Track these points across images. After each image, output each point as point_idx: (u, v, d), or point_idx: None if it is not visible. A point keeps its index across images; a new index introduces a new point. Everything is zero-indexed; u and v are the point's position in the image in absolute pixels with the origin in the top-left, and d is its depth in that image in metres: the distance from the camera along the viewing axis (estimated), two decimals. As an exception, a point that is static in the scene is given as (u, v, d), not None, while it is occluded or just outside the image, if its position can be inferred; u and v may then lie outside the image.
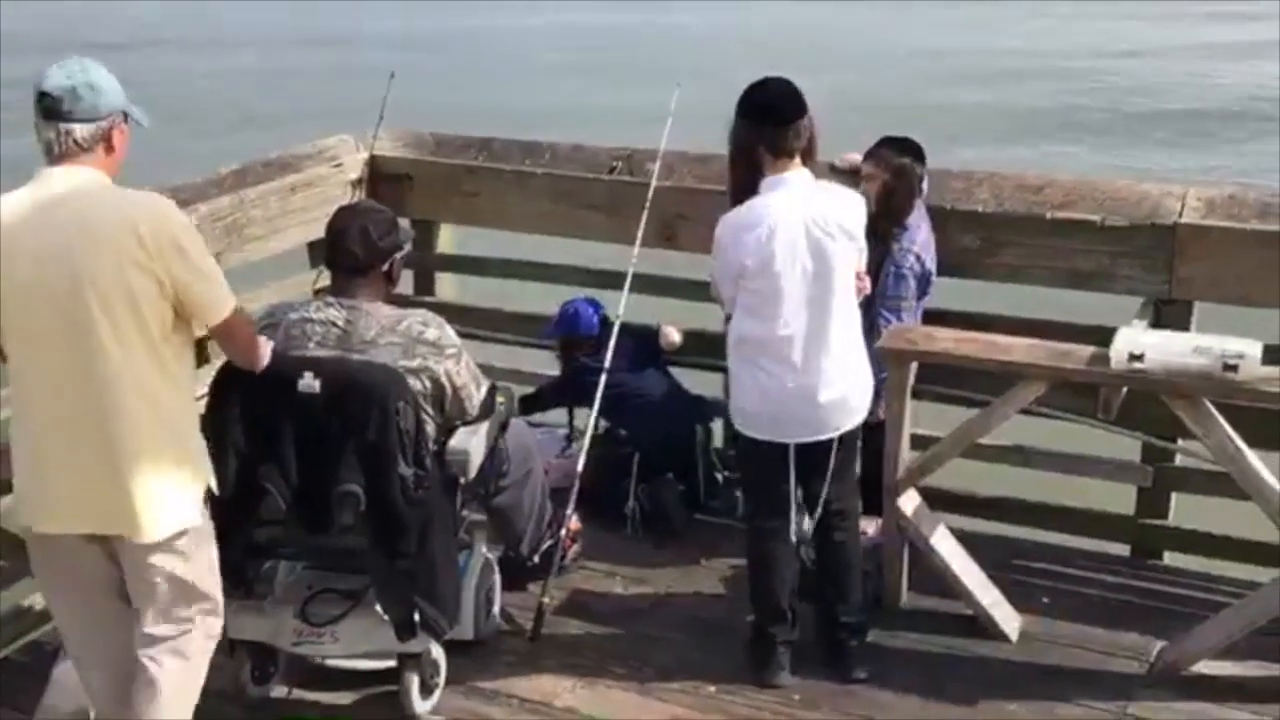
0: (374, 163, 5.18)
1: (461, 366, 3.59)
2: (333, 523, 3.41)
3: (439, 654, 3.76)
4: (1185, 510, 4.55)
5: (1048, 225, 4.34)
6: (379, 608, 3.61)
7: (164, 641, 3.11)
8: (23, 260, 2.88)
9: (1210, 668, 3.85)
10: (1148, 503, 4.53)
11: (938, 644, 4.08)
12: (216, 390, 3.43)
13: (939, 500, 4.34)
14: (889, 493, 4.08)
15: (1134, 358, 3.68)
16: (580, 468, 4.36)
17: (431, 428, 3.53)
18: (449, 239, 5.48)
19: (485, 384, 3.72)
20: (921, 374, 4.09)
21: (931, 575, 4.17)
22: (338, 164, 5.09)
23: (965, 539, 4.22)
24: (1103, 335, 3.86)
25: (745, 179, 3.71)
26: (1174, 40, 19.32)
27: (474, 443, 3.65)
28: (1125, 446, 4.42)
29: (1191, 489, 4.46)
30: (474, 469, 3.67)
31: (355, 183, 5.13)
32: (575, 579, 4.46)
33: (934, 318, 4.35)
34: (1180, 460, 4.41)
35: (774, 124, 3.63)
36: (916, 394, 4.13)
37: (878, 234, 3.99)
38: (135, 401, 2.93)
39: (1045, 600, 4.29)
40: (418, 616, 3.55)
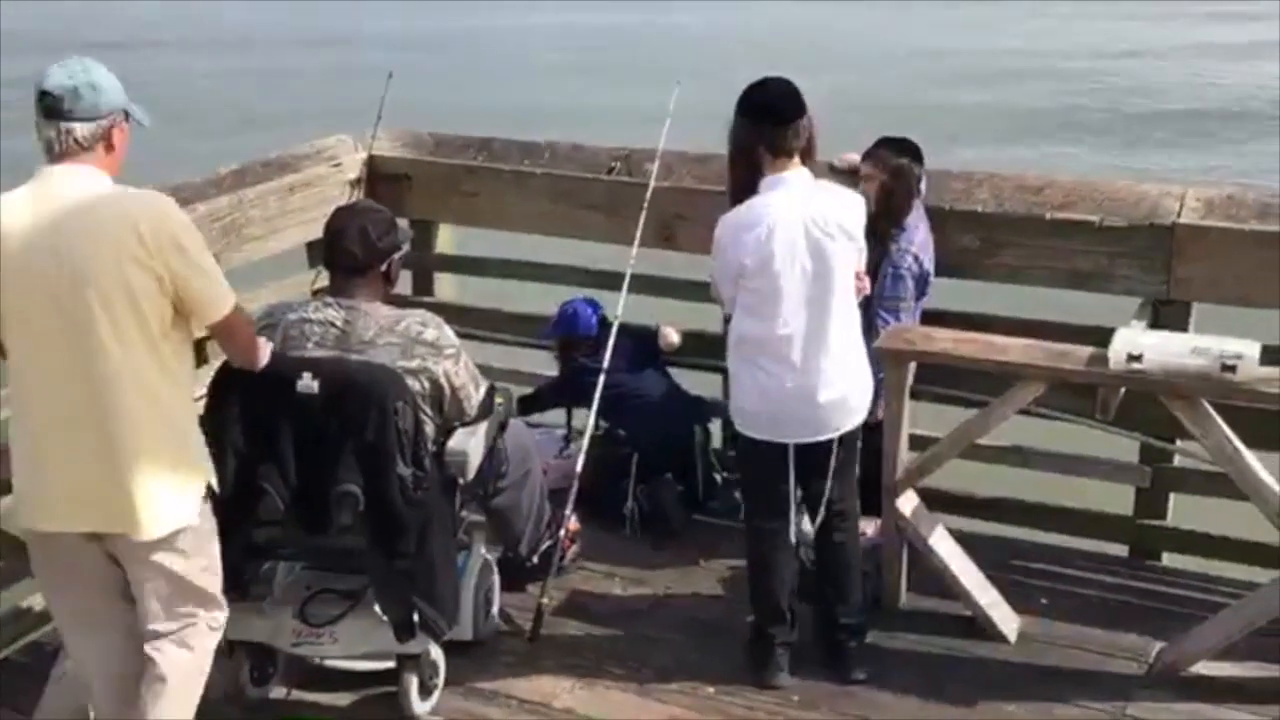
0: (373, 163, 5.19)
1: (460, 367, 3.58)
2: (331, 523, 3.40)
3: (438, 655, 3.76)
4: (1184, 511, 4.55)
5: (1047, 226, 4.34)
6: (378, 608, 3.60)
7: (167, 635, 3.12)
8: (23, 259, 2.88)
9: (1209, 668, 3.85)
10: (1146, 503, 4.53)
11: (936, 645, 4.08)
12: (215, 390, 3.43)
13: (938, 501, 4.34)
14: (888, 493, 4.08)
15: (1132, 358, 3.68)
16: (579, 468, 4.36)
17: (430, 428, 3.53)
18: (448, 239, 5.48)
19: (484, 384, 3.72)
20: (920, 374, 4.09)
21: (930, 576, 4.17)
22: (336, 164, 5.09)
23: (964, 539, 4.22)
24: (1101, 336, 3.86)
25: (745, 179, 3.71)
26: (1174, 40, 19.32)
27: (473, 443, 3.65)
28: (1123, 447, 4.42)
29: (1190, 489, 4.46)
30: (473, 469, 3.67)
31: (354, 183, 5.13)
32: (574, 580, 4.46)
33: (933, 318, 4.34)
34: (1179, 461, 4.41)
35: (773, 123, 3.63)
36: (915, 394, 4.12)
37: (876, 234, 3.98)
38: (135, 399, 2.93)
39: (1044, 601, 4.29)
40: (416, 617, 3.54)
